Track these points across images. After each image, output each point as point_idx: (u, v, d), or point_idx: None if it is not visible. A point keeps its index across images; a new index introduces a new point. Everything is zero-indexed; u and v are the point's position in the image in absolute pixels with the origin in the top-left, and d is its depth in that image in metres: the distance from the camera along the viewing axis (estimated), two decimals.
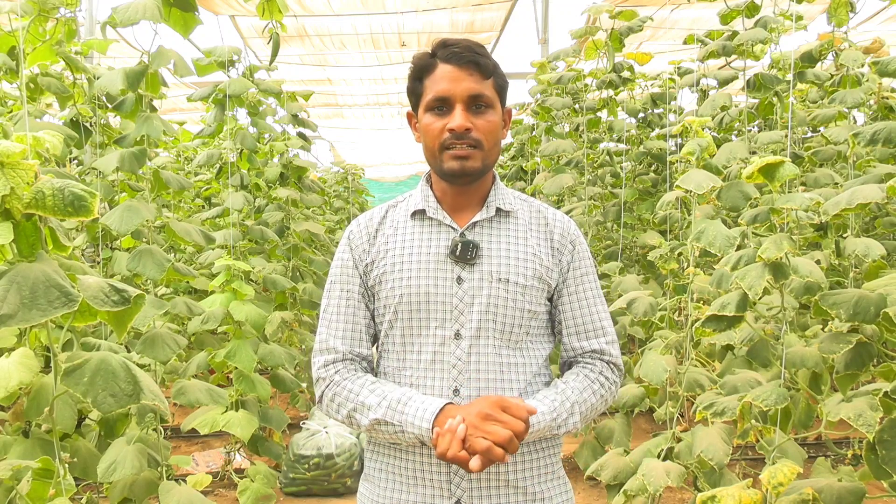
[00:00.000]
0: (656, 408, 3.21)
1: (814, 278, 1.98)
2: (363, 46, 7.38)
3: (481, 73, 1.35)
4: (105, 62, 4.27)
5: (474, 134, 1.34)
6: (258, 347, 3.49)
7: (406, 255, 1.39)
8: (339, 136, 12.49)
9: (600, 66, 3.98)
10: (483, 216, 1.40)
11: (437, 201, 1.43)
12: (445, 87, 1.34)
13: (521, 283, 1.37)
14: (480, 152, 1.35)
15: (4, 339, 2.13)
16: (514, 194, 1.48)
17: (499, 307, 1.35)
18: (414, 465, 1.35)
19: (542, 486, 1.38)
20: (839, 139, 2.98)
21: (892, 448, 1.61)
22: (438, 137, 1.35)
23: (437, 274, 1.37)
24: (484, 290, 1.35)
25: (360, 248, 1.44)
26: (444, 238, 1.39)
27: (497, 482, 1.33)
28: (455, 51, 1.35)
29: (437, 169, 1.39)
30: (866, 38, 3.51)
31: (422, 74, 1.39)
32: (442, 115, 1.35)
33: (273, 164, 4.40)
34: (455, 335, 1.35)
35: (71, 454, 2.12)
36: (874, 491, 2.43)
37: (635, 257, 4.50)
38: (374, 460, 1.43)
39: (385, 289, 1.39)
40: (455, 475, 1.33)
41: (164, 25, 2.58)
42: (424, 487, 1.34)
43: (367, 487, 1.44)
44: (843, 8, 2.87)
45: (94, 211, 1.42)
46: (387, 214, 1.47)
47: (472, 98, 1.34)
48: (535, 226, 1.44)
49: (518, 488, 1.35)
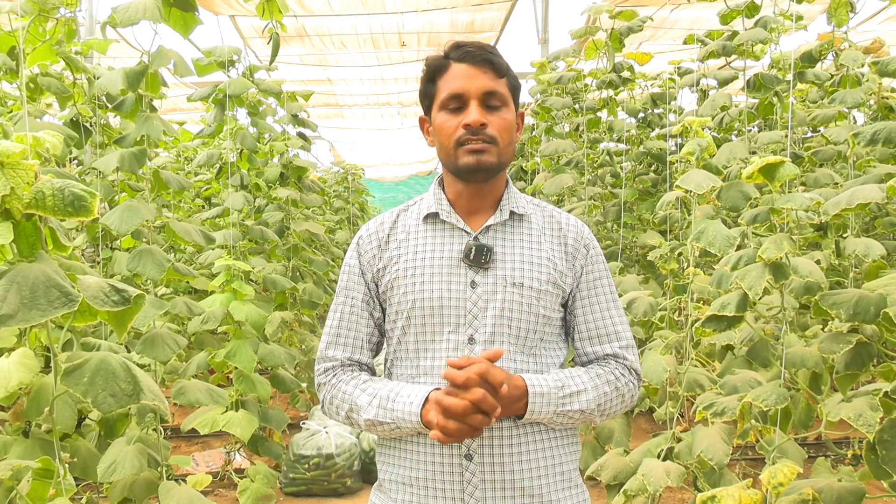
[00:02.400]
0: (656, 408, 3.21)
1: (814, 278, 1.98)
2: (363, 46, 7.38)
3: (495, 72, 1.35)
4: (105, 62, 4.27)
5: (489, 130, 1.33)
6: (258, 347, 3.49)
7: (419, 259, 1.38)
8: (339, 136, 12.49)
9: (600, 66, 3.98)
10: (497, 220, 1.39)
11: (451, 204, 1.42)
12: (460, 84, 1.33)
13: (536, 287, 1.35)
14: (496, 148, 1.34)
15: (4, 339, 2.13)
16: (527, 199, 1.47)
17: (513, 312, 1.33)
18: (426, 475, 1.32)
19: (558, 494, 1.35)
20: (839, 139, 2.98)
21: (892, 448, 1.61)
22: (453, 134, 1.34)
23: (451, 278, 1.35)
24: (498, 294, 1.34)
25: (370, 254, 1.43)
26: (458, 242, 1.38)
27: (512, 490, 1.30)
28: (469, 50, 1.35)
29: (451, 167, 1.38)
30: (866, 38, 3.51)
31: (435, 75, 1.38)
32: (457, 112, 1.34)
33: (273, 164, 4.40)
34: (469, 340, 1.33)
35: (71, 454, 2.12)
36: (874, 491, 2.43)
37: (635, 257, 4.50)
38: (386, 471, 1.40)
39: (398, 294, 1.38)
40: (468, 484, 1.30)
41: (164, 25, 2.58)
42: (437, 498, 1.31)
43: (379, 498, 1.41)
44: (843, 8, 2.87)
45: (94, 211, 1.42)
46: (398, 219, 1.46)
47: (486, 95, 1.33)
48: (548, 230, 1.43)
49: (534, 496, 1.32)
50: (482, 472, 1.29)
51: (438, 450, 1.31)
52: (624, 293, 3.18)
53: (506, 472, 1.30)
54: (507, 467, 1.30)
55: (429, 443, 1.31)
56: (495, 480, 1.30)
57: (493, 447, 1.30)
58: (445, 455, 1.30)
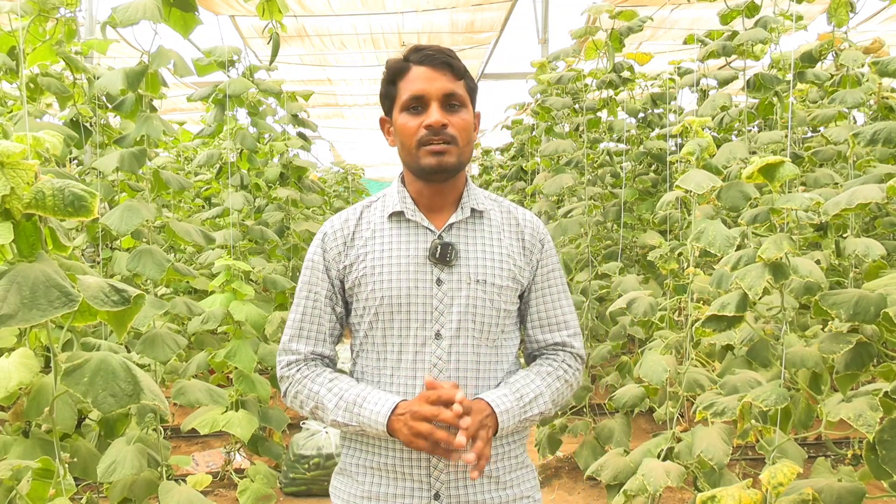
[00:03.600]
0: (656, 408, 3.21)
1: (814, 278, 1.98)
2: (363, 46, 7.38)
3: (454, 74, 1.41)
4: (105, 62, 4.27)
5: (450, 130, 1.38)
6: (258, 347, 3.49)
7: (385, 257, 1.43)
8: (339, 136, 12.50)
9: (600, 66, 3.98)
10: (459, 217, 1.45)
11: (414, 202, 1.46)
12: (421, 86, 1.39)
13: (498, 283, 1.43)
14: (456, 148, 1.39)
15: (4, 339, 2.13)
16: (485, 194, 1.53)
17: (477, 308, 1.41)
18: (394, 460, 1.39)
19: (511, 474, 1.47)
20: (839, 139, 2.98)
21: (892, 448, 1.61)
22: (415, 135, 1.39)
23: (418, 276, 1.41)
24: (463, 291, 1.40)
25: (335, 251, 1.47)
26: (423, 240, 1.43)
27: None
28: (428, 53, 1.41)
29: (413, 167, 1.43)
30: (866, 38, 3.51)
31: (395, 78, 1.43)
32: (417, 113, 1.40)
33: (273, 164, 4.40)
34: (436, 335, 1.39)
35: (71, 454, 2.12)
36: (874, 491, 2.43)
37: (635, 257, 4.50)
38: (351, 455, 1.46)
39: (365, 291, 1.43)
40: (434, 469, 1.38)
41: (164, 25, 2.58)
42: (404, 481, 1.39)
43: (342, 482, 1.48)
44: (843, 8, 2.87)
45: (94, 211, 1.42)
46: (362, 216, 1.50)
47: (446, 96, 1.39)
48: (507, 226, 1.50)
49: (492, 478, 1.43)
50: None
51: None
52: (624, 293, 3.18)
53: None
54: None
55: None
56: (458, 466, 1.39)
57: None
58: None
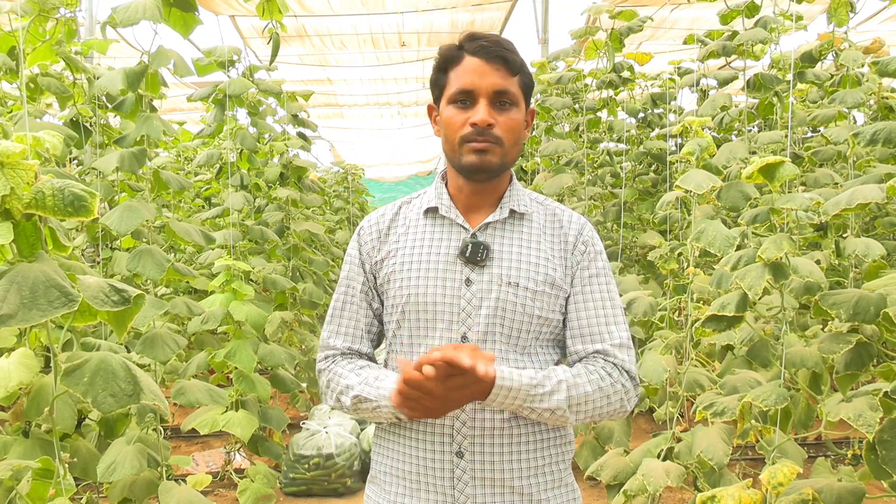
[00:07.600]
0: (656, 408, 3.22)
1: (814, 278, 1.98)
2: (363, 46, 7.38)
3: (508, 70, 1.32)
4: (105, 62, 4.27)
5: (496, 130, 1.31)
6: (258, 347, 3.49)
7: (416, 254, 1.37)
8: (339, 136, 12.50)
9: (600, 66, 3.98)
10: (496, 217, 1.37)
11: (451, 199, 1.40)
12: (471, 80, 1.31)
13: (532, 287, 1.33)
14: (500, 149, 1.32)
15: (4, 339, 2.13)
16: (531, 196, 1.45)
17: (507, 311, 1.31)
18: (418, 469, 1.33)
19: (548, 493, 1.34)
20: (839, 139, 2.97)
21: (892, 448, 1.61)
22: (459, 131, 1.32)
23: (446, 275, 1.34)
24: (493, 293, 1.32)
25: (370, 245, 1.43)
26: (455, 238, 1.37)
27: (502, 489, 1.31)
28: (483, 44, 1.32)
29: (454, 163, 1.36)
30: (866, 38, 3.51)
31: (447, 66, 1.35)
32: (465, 108, 1.32)
33: (273, 164, 4.40)
34: (462, 338, 1.32)
35: (71, 454, 2.12)
36: (874, 491, 2.43)
37: (635, 257, 4.50)
38: (380, 462, 1.41)
39: (393, 288, 1.38)
40: (459, 481, 1.31)
41: (164, 25, 2.58)
42: (428, 492, 1.32)
43: (373, 490, 1.43)
44: (843, 8, 2.87)
45: (94, 211, 1.42)
46: (400, 211, 1.45)
47: (496, 94, 1.31)
48: (549, 229, 1.40)
49: (523, 495, 1.32)
50: (472, 469, 1.30)
51: (430, 445, 1.32)
52: (624, 293, 3.18)
53: (496, 470, 1.30)
54: (498, 465, 1.30)
55: (421, 438, 1.32)
56: (485, 478, 1.30)
57: (485, 445, 1.30)
58: (437, 451, 1.31)
